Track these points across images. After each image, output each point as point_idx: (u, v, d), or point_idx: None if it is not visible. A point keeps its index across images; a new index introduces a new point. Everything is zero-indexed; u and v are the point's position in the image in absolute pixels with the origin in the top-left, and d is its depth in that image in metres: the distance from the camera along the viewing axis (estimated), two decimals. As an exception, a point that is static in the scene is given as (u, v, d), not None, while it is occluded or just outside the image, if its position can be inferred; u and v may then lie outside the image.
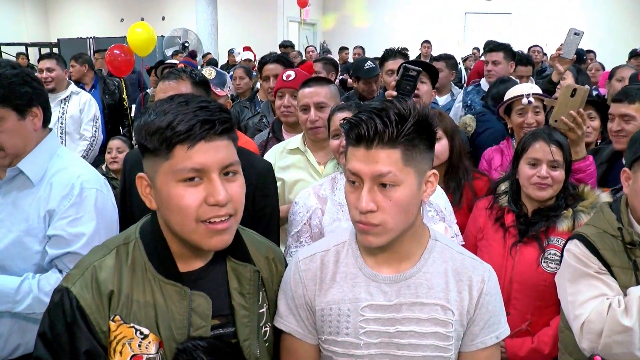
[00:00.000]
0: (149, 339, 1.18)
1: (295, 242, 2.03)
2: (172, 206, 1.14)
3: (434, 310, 1.30)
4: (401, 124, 1.18)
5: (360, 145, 1.20)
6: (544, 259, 1.97)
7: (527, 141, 2.06)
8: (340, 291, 1.33)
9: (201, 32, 12.22)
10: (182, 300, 1.21)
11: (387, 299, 1.31)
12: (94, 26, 15.40)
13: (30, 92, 1.72)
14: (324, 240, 1.49)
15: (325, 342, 1.36)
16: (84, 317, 1.16)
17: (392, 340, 1.30)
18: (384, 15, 15.28)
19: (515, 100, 2.64)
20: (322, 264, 1.37)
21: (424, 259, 1.33)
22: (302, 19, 12.96)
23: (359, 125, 1.19)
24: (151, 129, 1.12)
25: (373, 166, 1.19)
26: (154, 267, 1.22)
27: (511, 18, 14.35)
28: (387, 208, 1.20)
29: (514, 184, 2.11)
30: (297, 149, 2.46)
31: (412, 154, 1.20)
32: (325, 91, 2.40)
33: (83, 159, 2.18)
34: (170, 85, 1.98)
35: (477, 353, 1.35)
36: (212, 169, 1.13)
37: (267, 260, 1.39)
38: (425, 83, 2.69)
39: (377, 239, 1.25)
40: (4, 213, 1.74)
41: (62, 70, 4.51)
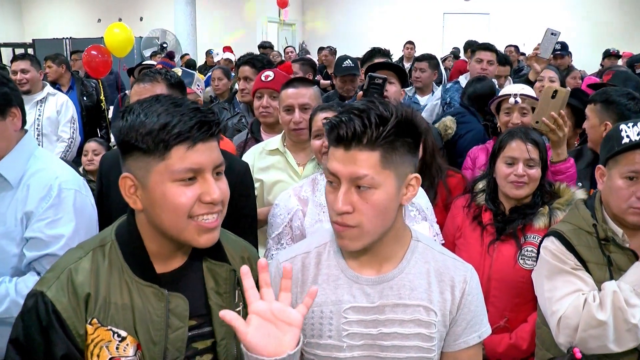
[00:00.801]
0: (127, 341, 1.18)
1: (276, 244, 2.02)
2: (166, 205, 1.14)
3: (417, 312, 1.30)
4: (381, 126, 1.17)
5: (339, 145, 1.20)
6: (521, 256, 2.00)
7: (503, 140, 2.08)
8: (323, 293, 1.32)
9: (180, 32, 12.10)
10: (159, 301, 1.21)
11: (370, 301, 1.30)
12: (70, 26, 15.17)
13: (9, 92, 1.73)
14: (304, 242, 1.47)
15: (307, 345, 1.34)
16: (60, 321, 1.14)
17: (375, 342, 1.30)
18: (364, 15, 15.33)
19: (504, 99, 2.66)
20: (304, 267, 1.36)
21: (406, 260, 1.33)
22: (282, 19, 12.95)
23: (338, 125, 1.18)
24: (144, 130, 1.12)
25: (351, 167, 1.18)
26: (131, 268, 1.21)
27: (489, 18, 14.50)
28: (363, 210, 1.20)
29: (491, 182, 2.13)
30: (277, 150, 2.46)
31: (391, 156, 1.19)
32: (309, 92, 2.41)
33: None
34: (145, 88, 1.97)
35: (460, 353, 1.36)
36: (207, 169, 1.16)
37: (242, 259, 1.38)
38: (394, 84, 2.70)
39: (353, 243, 1.24)
40: None
41: (36, 71, 4.45)
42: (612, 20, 13.67)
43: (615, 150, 1.62)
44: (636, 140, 1.57)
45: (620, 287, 1.56)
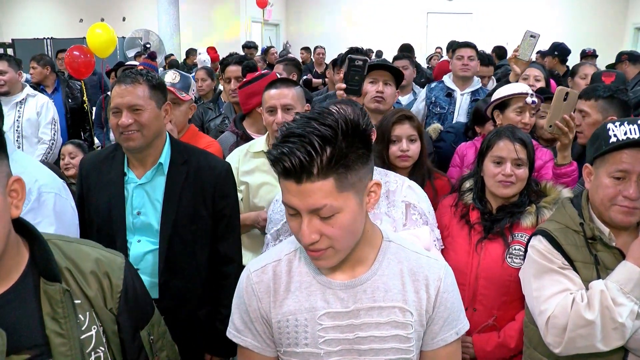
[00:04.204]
0: None
1: (275, 240, 2.01)
2: None
3: (393, 313, 1.28)
4: (329, 149, 1.09)
5: (289, 179, 1.12)
6: (508, 254, 2.00)
7: (491, 139, 2.08)
8: (296, 301, 1.30)
9: (163, 33, 12.01)
10: None
11: (344, 306, 1.28)
12: (51, 26, 14.95)
13: None
14: (274, 249, 1.43)
15: (284, 354, 1.32)
16: None
17: (353, 347, 1.28)
18: (348, 15, 15.35)
19: (515, 98, 2.63)
20: (275, 275, 1.33)
21: (378, 261, 1.31)
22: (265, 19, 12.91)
23: (281, 159, 1.11)
24: None
25: (307, 201, 1.12)
26: None
27: (472, 18, 14.59)
28: (330, 234, 1.17)
29: (478, 182, 2.13)
30: (262, 152, 2.44)
31: (347, 178, 1.13)
32: (292, 93, 2.39)
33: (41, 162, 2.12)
34: (127, 89, 1.93)
35: (438, 351, 1.34)
36: None
37: (94, 275, 1.22)
38: (390, 85, 2.70)
39: (328, 262, 1.23)
40: None
41: (15, 72, 4.38)
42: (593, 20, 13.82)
43: (602, 149, 1.62)
44: (623, 140, 1.57)
45: (608, 286, 1.56)
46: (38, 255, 1.16)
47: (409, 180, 2.04)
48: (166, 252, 1.99)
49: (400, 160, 2.30)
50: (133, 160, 2.04)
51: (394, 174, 2.06)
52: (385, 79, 2.68)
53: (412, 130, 2.31)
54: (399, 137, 2.29)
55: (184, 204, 2.00)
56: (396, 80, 2.72)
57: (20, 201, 1.12)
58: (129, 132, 1.93)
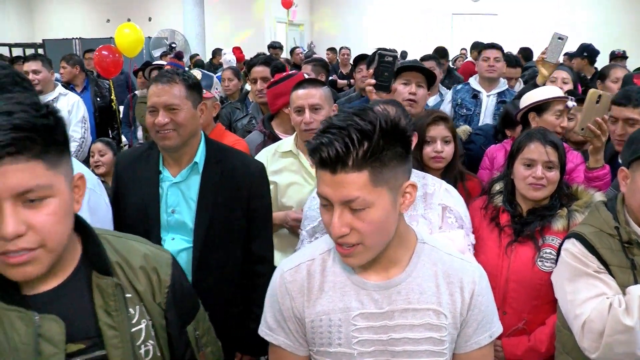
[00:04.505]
0: None
1: (310, 237, 2.02)
2: None
3: (427, 315, 1.28)
4: (366, 143, 1.11)
5: (325, 169, 1.14)
6: (539, 257, 1.97)
7: (522, 142, 2.06)
8: (330, 301, 1.30)
9: (188, 33, 12.15)
10: (26, 327, 1.06)
11: (378, 307, 1.28)
12: (80, 27, 15.25)
13: (21, 92, 1.69)
14: (307, 248, 1.43)
15: (317, 353, 1.33)
16: None
17: (386, 348, 1.28)
18: (372, 15, 15.33)
19: (554, 101, 2.62)
20: (309, 274, 1.33)
21: (413, 263, 1.30)
22: (289, 19, 12.96)
23: (320, 148, 1.12)
24: None
25: (340, 191, 1.13)
26: None
27: (498, 19, 14.45)
28: (361, 229, 1.16)
29: (508, 184, 2.11)
30: (290, 152, 2.46)
31: (381, 173, 1.14)
32: (319, 93, 2.40)
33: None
34: (163, 89, 1.95)
35: (471, 354, 1.34)
36: (1, 197, 0.97)
37: (143, 270, 1.24)
38: (423, 87, 2.69)
39: (357, 259, 1.22)
40: None
41: (48, 71, 4.46)
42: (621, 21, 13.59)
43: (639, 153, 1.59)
44: None
45: None
46: (91, 249, 1.18)
47: (447, 184, 2.03)
48: (200, 251, 2.00)
49: (433, 161, 2.29)
50: (168, 159, 2.06)
51: (432, 176, 2.05)
52: (418, 80, 2.68)
53: (447, 132, 2.31)
54: (434, 138, 2.29)
55: (218, 203, 2.01)
56: (428, 81, 2.71)
57: (81, 197, 1.14)
58: (165, 131, 1.94)
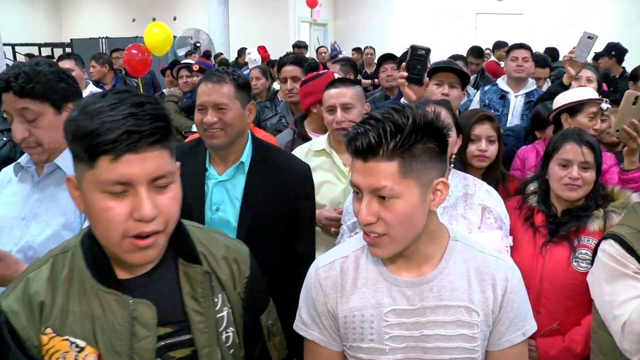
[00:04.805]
0: (86, 351, 1.11)
1: (350, 231, 2.04)
2: (97, 218, 1.07)
3: (459, 312, 1.29)
4: (398, 135, 1.15)
5: (358, 157, 1.19)
6: (574, 258, 1.97)
7: (557, 142, 2.06)
8: (362, 297, 1.32)
9: (213, 32, 12.25)
10: (122, 309, 1.12)
11: (410, 303, 1.30)
12: (106, 26, 15.47)
13: (66, 88, 1.77)
14: (341, 246, 1.47)
15: (350, 348, 1.35)
16: (12, 332, 1.10)
17: (418, 345, 1.30)
18: (396, 15, 15.28)
19: (588, 103, 2.61)
20: (342, 271, 1.36)
21: (445, 260, 1.32)
22: (313, 19, 12.98)
23: (355, 138, 1.18)
24: (75, 133, 1.03)
25: (370, 179, 1.18)
26: (92, 275, 1.14)
27: (523, 19, 14.31)
28: (387, 219, 1.19)
29: (543, 184, 2.11)
30: (323, 151, 2.48)
31: (411, 165, 1.17)
32: (351, 92, 2.42)
33: None
34: (213, 88, 1.95)
35: (504, 351, 1.34)
36: (140, 182, 1.04)
37: (225, 260, 1.30)
38: (456, 87, 2.70)
39: (383, 250, 1.25)
40: (42, 208, 1.77)
41: (80, 70, 4.54)
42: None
43: None
44: None
45: None
46: (179, 239, 1.24)
47: (487, 185, 2.04)
48: None
49: (477, 160, 2.30)
50: (215, 157, 2.07)
51: (473, 177, 2.06)
52: (451, 81, 2.69)
53: (492, 132, 2.32)
54: (479, 137, 2.30)
55: (263, 203, 2.00)
56: (462, 82, 2.72)
57: None
58: (212, 130, 1.95)
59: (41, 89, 1.69)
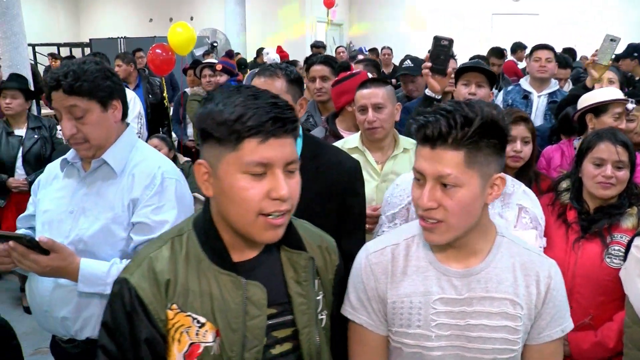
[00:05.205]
0: (206, 327, 1.19)
1: (389, 222, 2.07)
2: (234, 197, 1.15)
3: (504, 305, 1.33)
4: (466, 127, 1.20)
5: (425, 144, 1.25)
6: (607, 254, 2.01)
7: (592, 141, 2.09)
8: (412, 284, 1.37)
9: (229, 32, 12.32)
10: (237, 290, 1.21)
11: (458, 293, 1.34)
12: (124, 26, 15.57)
13: (112, 85, 1.82)
14: (392, 233, 1.52)
15: (395, 334, 1.39)
16: (142, 307, 1.18)
17: (462, 333, 1.34)
18: (411, 16, 15.27)
19: (613, 103, 2.64)
20: (393, 257, 1.41)
21: (492, 254, 1.36)
22: (329, 19, 13.02)
23: (425, 126, 1.23)
24: (219, 119, 1.12)
25: (436, 166, 1.23)
26: (208, 257, 1.23)
27: (539, 19, 14.25)
28: (448, 207, 1.24)
29: (576, 182, 2.15)
30: (356, 148, 2.51)
31: (475, 157, 1.22)
32: (382, 92, 2.45)
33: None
34: (265, 82, 2.00)
35: (543, 346, 1.39)
36: (278, 165, 1.14)
37: (320, 249, 1.39)
38: (483, 87, 2.73)
39: (439, 237, 1.29)
40: (90, 202, 1.83)
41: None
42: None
43: None
44: None
45: None
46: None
47: (525, 186, 2.08)
48: None
49: (511, 160, 2.32)
50: None
51: (511, 177, 2.09)
52: (478, 80, 2.72)
53: (527, 133, 2.33)
54: (514, 138, 2.32)
55: (312, 198, 1.97)
56: (489, 81, 2.74)
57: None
58: None
59: (88, 86, 1.75)
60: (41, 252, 1.66)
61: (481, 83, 2.72)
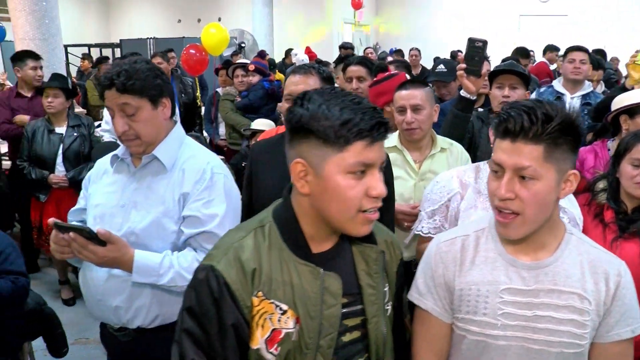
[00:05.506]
0: (288, 314, 1.25)
1: (429, 218, 2.11)
2: (337, 195, 1.20)
3: (571, 299, 1.36)
4: (546, 123, 1.25)
5: (506, 138, 1.29)
6: (646, 253, 2.03)
7: (630, 142, 2.12)
8: (480, 273, 1.42)
9: (257, 32, 12.42)
10: (315, 279, 1.26)
11: (525, 284, 1.38)
12: (153, 27, 15.75)
13: (162, 84, 1.90)
14: (462, 226, 1.58)
15: (461, 320, 1.44)
16: (230, 293, 1.23)
17: (528, 324, 1.37)
18: (437, 17, 15.24)
19: None
20: (463, 247, 1.46)
21: (561, 249, 1.40)
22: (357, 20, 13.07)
23: (507, 120, 1.28)
24: (327, 122, 1.18)
25: (515, 158, 1.27)
26: (289, 248, 1.28)
27: (567, 20, 14.11)
28: (524, 199, 1.28)
29: (613, 182, 2.17)
30: (395, 147, 2.55)
31: (554, 151, 1.26)
32: (421, 94, 2.48)
33: None
34: (300, 79, 2.11)
35: (611, 345, 1.39)
36: (377, 165, 1.22)
37: (386, 243, 1.44)
38: (517, 88, 2.76)
39: (515, 231, 1.33)
40: (141, 196, 1.90)
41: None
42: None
43: None
44: None
45: None
46: None
47: None
48: None
49: None
50: None
51: None
52: (511, 82, 2.75)
53: None
54: None
55: None
56: (524, 82, 2.77)
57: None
58: None
59: (140, 85, 1.82)
60: (98, 243, 1.73)
61: (515, 85, 2.75)
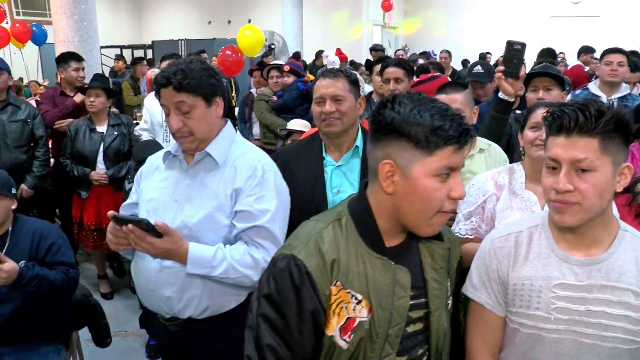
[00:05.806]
0: (362, 304, 1.30)
1: (465, 219, 2.14)
2: (426, 196, 1.26)
3: (625, 295, 1.36)
4: (600, 119, 1.30)
5: (560, 134, 1.34)
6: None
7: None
8: (533, 269, 1.45)
9: (287, 34, 12.50)
10: (387, 272, 1.32)
11: (578, 280, 1.39)
12: (184, 29, 15.95)
13: (215, 83, 1.96)
14: (516, 222, 1.60)
15: (514, 314, 1.47)
16: (310, 281, 1.27)
17: (581, 319, 1.38)
18: (466, 18, 15.15)
19: None
20: (516, 243, 1.50)
21: (614, 246, 1.41)
22: (386, 22, 13.08)
23: (562, 117, 1.33)
24: (420, 126, 1.23)
25: (572, 152, 1.32)
26: (364, 241, 1.33)
27: (600, 22, 13.92)
28: (583, 190, 1.32)
29: (655, 183, 2.19)
30: None
31: (608, 144, 1.31)
32: (461, 97, 2.51)
33: None
34: (330, 82, 2.22)
35: None
36: (459, 168, 1.28)
37: (449, 241, 1.49)
38: (552, 90, 2.79)
39: (572, 217, 1.35)
40: (194, 192, 1.96)
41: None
42: None
43: None
44: None
45: None
46: None
47: None
48: None
49: None
50: (330, 146, 2.29)
51: None
52: (545, 84, 2.78)
53: None
54: None
55: None
56: (559, 83, 2.79)
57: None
58: (331, 119, 2.19)
59: (195, 84, 1.88)
60: (155, 235, 1.79)
61: (549, 87, 2.78)
